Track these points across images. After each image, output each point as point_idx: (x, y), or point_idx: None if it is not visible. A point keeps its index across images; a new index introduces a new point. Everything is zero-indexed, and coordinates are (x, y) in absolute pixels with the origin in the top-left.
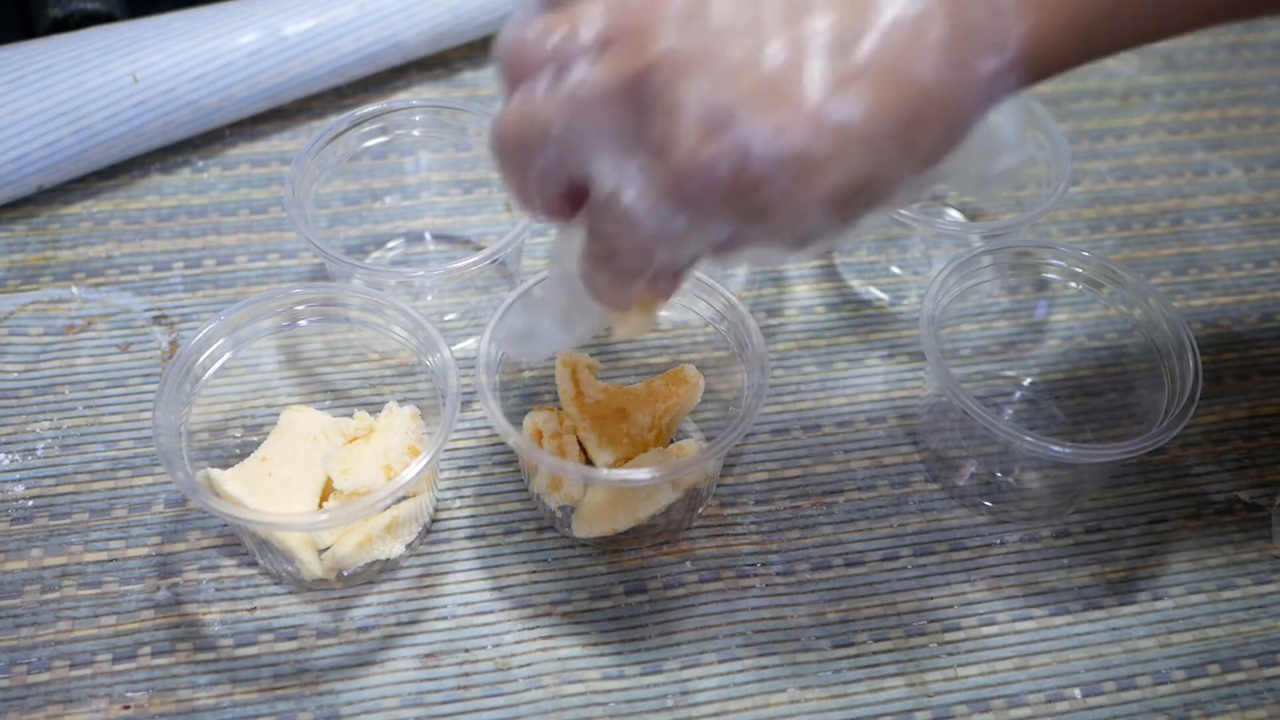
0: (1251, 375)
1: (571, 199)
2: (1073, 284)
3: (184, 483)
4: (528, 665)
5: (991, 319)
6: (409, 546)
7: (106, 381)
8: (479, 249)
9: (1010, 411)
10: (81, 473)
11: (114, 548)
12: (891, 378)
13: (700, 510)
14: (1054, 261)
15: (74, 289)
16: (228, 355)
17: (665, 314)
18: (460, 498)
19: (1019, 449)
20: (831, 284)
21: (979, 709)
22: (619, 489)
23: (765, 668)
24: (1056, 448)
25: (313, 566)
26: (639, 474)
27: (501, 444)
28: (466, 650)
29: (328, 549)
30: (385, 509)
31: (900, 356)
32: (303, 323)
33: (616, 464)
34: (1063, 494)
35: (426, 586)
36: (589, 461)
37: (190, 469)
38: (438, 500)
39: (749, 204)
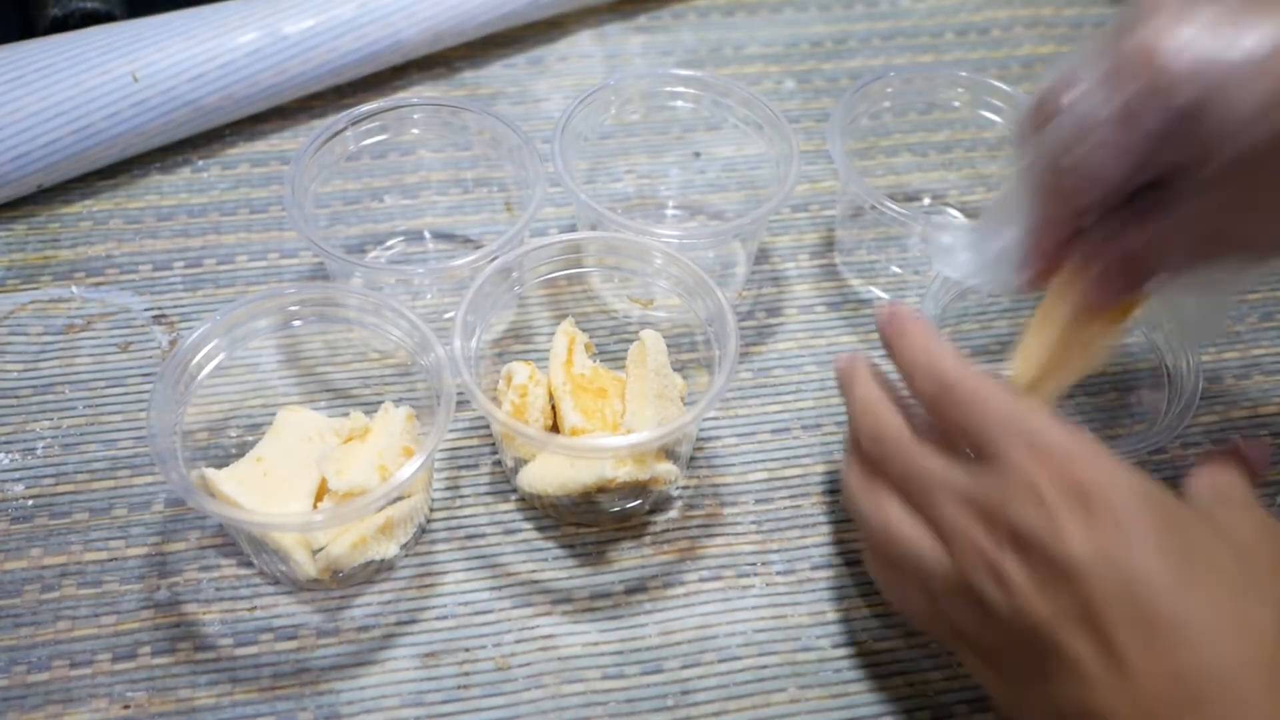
0: (1251, 375)
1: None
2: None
3: (178, 483)
4: (528, 665)
5: (991, 319)
6: (404, 547)
7: (106, 381)
8: (478, 248)
9: None
10: (81, 472)
11: (114, 547)
12: (892, 377)
13: (656, 509)
14: None
15: (74, 288)
16: (223, 355)
17: (665, 314)
18: (460, 497)
19: None
20: (831, 284)
21: (979, 709)
22: (553, 452)
23: (765, 668)
24: None
25: (307, 567)
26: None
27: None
28: (466, 650)
29: (322, 549)
30: (380, 510)
31: None
32: (298, 323)
33: (575, 434)
34: None
35: (426, 586)
36: (556, 426)
37: (185, 469)
38: (435, 500)
39: (1190, 126)
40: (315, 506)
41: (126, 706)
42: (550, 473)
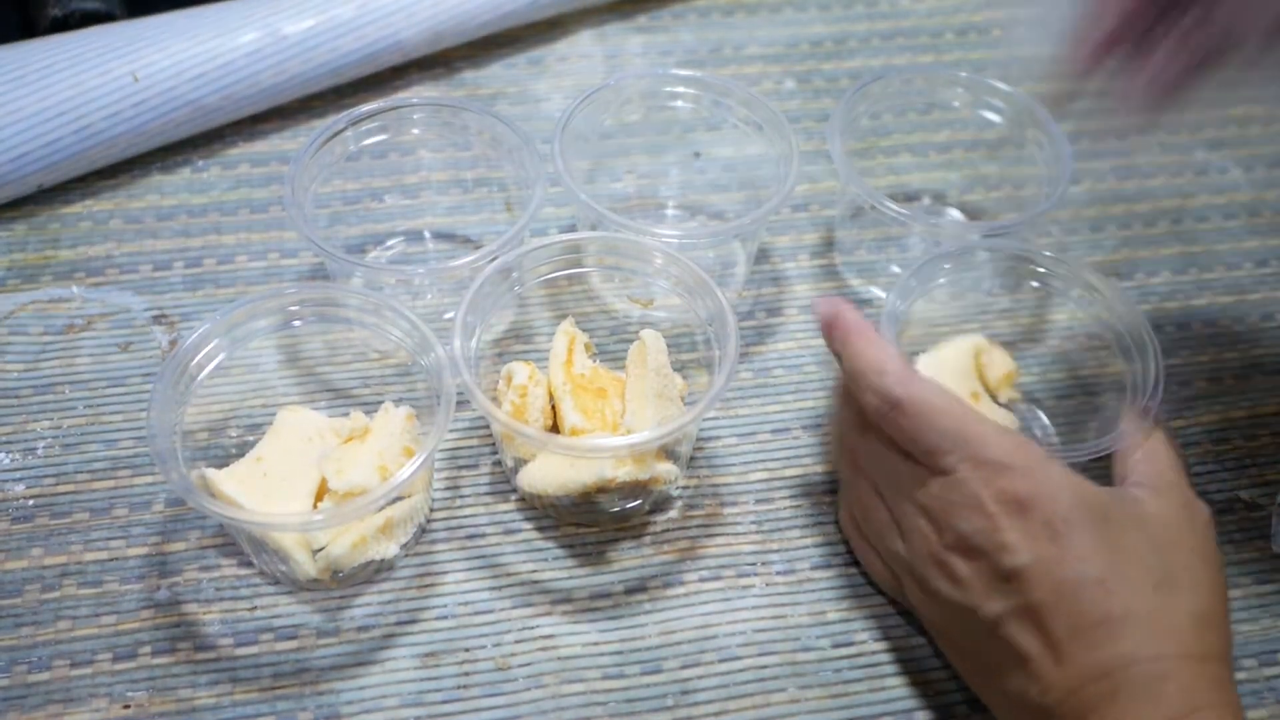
0: (1251, 375)
1: None
2: (1033, 283)
3: (178, 483)
4: (528, 665)
5: (962, 321)
6: (404, 547)
7: (106, 381)
8: (478, 248)
9: None
10: (81, 472)
11: (114, 547)
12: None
13: (654, 509)
14: (1023, 263)
15: (74, 288)
16: (223, 355)
17: (665, 314)
18: (460, 497)
19: None
20: (831, 284)
21: (979, 709)
22: (553, 452)
23: (765, 668)
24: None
25: (307, 567)
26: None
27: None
28: (466, 650)
29: (322, 549)
30: (380, 510)
31: None
32: (298, 323)
33: (575, 434)
34: None
35: (426, 586)
36: (556, 426)
37: (185, 469)
38: (435, 500)
39: None
40: (315, 506)
41: (127, 706)
42: (550, 473)
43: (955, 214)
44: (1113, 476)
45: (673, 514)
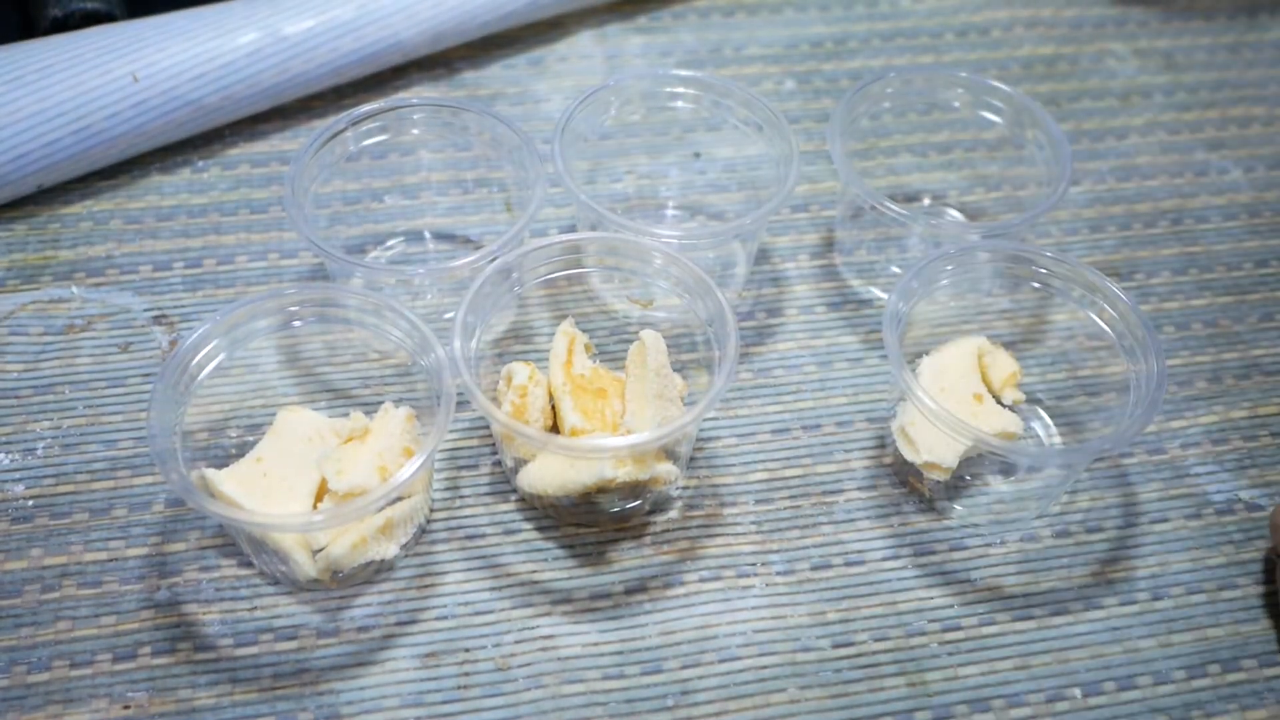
0: (1251, 375)
1: None
2: (1033, 283)
3: (178, 484)
4: (528, 665)
5: (962, 321)
6: (404, 547)
7: (106, 381)
8: (478, 248)
9: None
10: (81, 473)
11: (114, 547)
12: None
13: (654, 509)
14: (1023, 263)
15: (74, 289)
16: (223, 355)
17: (665, 314)
18: (460, 498)
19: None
20: (831, 284)
21: (979, 709)
22: (553, 453)
23: (765, 668)
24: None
25: (307, 567)
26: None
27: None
28: (466, 650)
29: (322, 550)
30: (380, 510)
31: None
32: (298, 323)
33: (575, 434)
34: (1026, 498)
35: (426, 586)
36: (556, 426)
37: (185, 469)
38: (435, 501)
39: None
40: (315, 507)
41: (127, 707)
42: (550, 473)
43: (955, 214)
44: None
45: (673, 514)
